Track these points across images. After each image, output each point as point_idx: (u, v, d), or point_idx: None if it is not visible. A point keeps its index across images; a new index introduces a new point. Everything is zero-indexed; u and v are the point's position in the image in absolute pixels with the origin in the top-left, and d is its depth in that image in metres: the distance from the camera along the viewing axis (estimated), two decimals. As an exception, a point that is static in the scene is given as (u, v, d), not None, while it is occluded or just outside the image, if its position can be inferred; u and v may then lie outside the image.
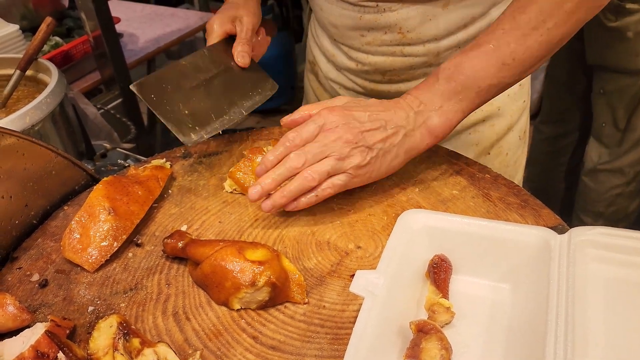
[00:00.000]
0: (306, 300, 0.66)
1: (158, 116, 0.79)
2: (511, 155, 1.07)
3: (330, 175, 0.73)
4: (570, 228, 0.71)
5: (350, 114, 0.74)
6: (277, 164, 0.73)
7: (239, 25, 0.92)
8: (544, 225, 0.73)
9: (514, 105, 1.02)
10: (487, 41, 0.73)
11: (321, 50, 1.09)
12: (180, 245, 0.71)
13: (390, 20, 0.89)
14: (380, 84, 1.00)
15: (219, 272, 0.65)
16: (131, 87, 0.79)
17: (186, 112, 0.82)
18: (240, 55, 0.90)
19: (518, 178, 1.13)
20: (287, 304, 0.66)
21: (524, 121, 1.08)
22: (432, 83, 0.76)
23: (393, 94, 1.00)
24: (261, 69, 0.97)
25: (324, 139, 0.72)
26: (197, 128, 0.81)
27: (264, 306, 0.66)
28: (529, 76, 1.05)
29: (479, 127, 1.01)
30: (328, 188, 0.73)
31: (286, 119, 0.80)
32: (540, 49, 0.72)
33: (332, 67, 1.08)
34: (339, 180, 0.73)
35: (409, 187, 0.82)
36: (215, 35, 0.91)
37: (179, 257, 0.73)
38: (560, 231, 0.69)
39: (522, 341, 0.55)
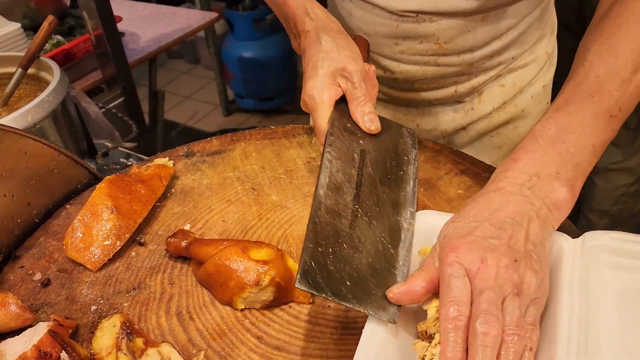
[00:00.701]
0: (311, 300, 0.66)
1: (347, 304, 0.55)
2: None
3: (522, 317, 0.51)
4: (575, 225, 0.70)
5: (476, 238, 0.54)
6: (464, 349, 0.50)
7: (343, 81, 0.70)
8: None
9: (538, 107, 1.01)
10: (587, 92, 0.61)
11: None
12: (184, 244, 0.70)
13: (429, 31, 0.87)
14: (407, 92, 0.98)
15: (223, 272, 0.64)
16: (297, 286, 0.54)
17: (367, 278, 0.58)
18: (368, 119, 0.70)
19: None
20: (292, 304, 0.66)
21: None
22: (535, 149, 0.59)
23: (418, 101, 0.98)
24: (389, 121, 0.75)
25: (484, 283, 0.51)
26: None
27: (269, 306, 0.65)
28: (552, 78, 1.03)
29: (502, 129, 1.00)
30: (532, 334, 0.51)
31: (396, 294, 0.55)
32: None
33: None
34: (533, 316, 0.52)
35: (413, 186, 0.82)
36: (325, 107, 0.69)
37: (182, 257, 0.72)
38: (567, 231, 0.69)
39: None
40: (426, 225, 0.64)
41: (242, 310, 0.65)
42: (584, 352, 0.49)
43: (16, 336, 0.61)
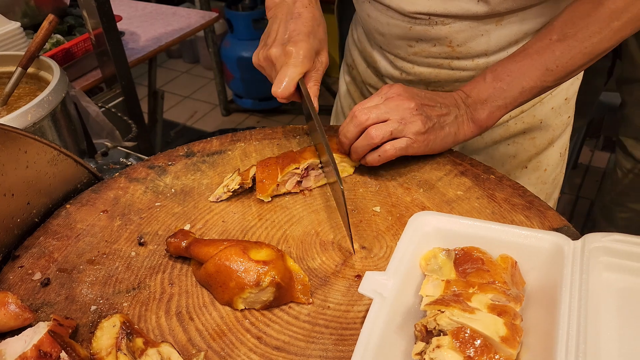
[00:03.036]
0: (310, 300, 0.66)
1: None
2: (550, 172, 1.04)
3: (392, 137, 0.78)
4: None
5: (411, 89, 0.82)
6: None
7: (317, 62, 0.83)
8: (549, 226, 0.73)
9: (558, 120, 1.00)
10: (534, 49, 0.79)
11: (362, 55, 1.06)
12: (184, 244, 0.70)
13: (441, 33, 0.88)
14: None
15: (223, 272, 0.65)
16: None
17: None
18: (316, 103, 0.82)
19: (555, 196, 1.10)
20: (292, 305, 0.66)
21: (566, 138, 1.05)
22: (480, 81, 0.82)
23: None
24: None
25: (387, 104, 0.79)
26: None
27: (268, 306, 0.65)
28: (577, 91, 1.02)
29: (518, 138, 0.99)
30: (390, 149, 0.79)
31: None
32: (583, 59, 0.77)
33: (371, 73, 1.05)
34: (400, 143, 0.79)
35: (413, 187, 0.82)
36: (299, 67, 0.79)
37: (182, 257, 0.72)
38: (566, 232, 0.69)
39: (531, 350, 0.54)
40: (425, 226, 0.64)
41: (241, 310, 0.65)
42: (583, 353, 0.49)
43: (16, 336, 0.60)
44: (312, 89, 0.82)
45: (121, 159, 1.09)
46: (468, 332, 0.53)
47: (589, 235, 0.59)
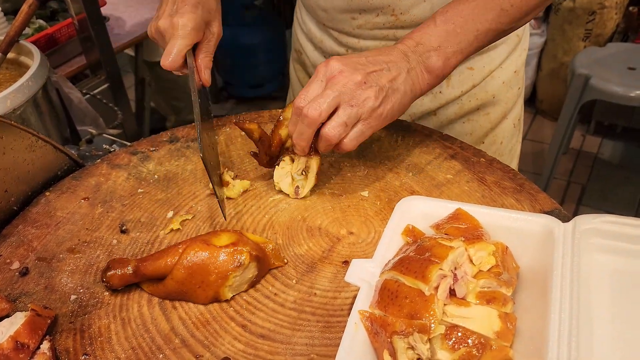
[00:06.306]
0: (286, 260, 0.66)
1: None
2: (506, 144, 1.05)
3: (348, 125, 0.68)
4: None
5: (350, 60, 0.71)
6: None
7: (208, 33, 0.81)
8: (540, 210, 0.71)
9: (509, 93, 1.00)
10: None
11: (308, 37, 1.05)
12: (130, 270, 0.63)
13: (384, 1, 0.86)
14: None
15: (198, 271, 0.62)
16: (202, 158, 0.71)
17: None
18: (208, 75, 0.81)
19: (513, 166, 1.11)
20: (277, 292, 0.64)
21: (519, 109, 1.05)
22: (429, 25, 0.74)
23: None
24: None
25: (332, 86, 0.68)
26: None
27: (254, 283, 0.64)
28: (524, 63, 1.02)
29: (473, 116, 0.99)
30: (349, 143, 0.70)
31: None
32: None
33: (319, 55, 1.04)
34: (356, 134, 0.69)
35: (402, 171, 0.80)
36: (186, 39, 0.77)
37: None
38: (557, 215, 0.68)
39: (524, 333, 0.53)
40: (412, 211, 0.63)
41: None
42: (576, 335, 0.48)
43: (-8, 327, 0.59)
44: (204, 61, 0.80)
45: (105, 146, 1.06)
46: (460, 333, 0.51)
47: (579, 217, 0.57)
